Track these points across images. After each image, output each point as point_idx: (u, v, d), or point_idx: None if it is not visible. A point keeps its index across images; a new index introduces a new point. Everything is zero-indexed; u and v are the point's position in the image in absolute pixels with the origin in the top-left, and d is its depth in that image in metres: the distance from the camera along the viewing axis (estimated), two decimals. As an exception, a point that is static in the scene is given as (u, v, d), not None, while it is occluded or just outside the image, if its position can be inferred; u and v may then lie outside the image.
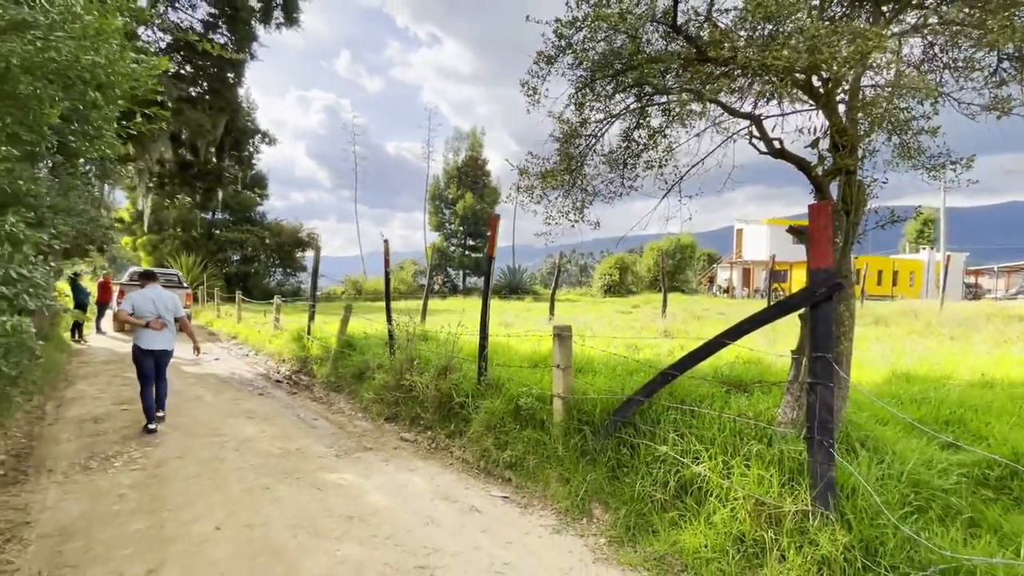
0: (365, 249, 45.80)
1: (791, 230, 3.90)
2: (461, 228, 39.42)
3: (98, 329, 14.01)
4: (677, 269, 36.74)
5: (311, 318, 10.35)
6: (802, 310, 3.25)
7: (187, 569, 2.80)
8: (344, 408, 6.68)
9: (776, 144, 3.59)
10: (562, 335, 4.23)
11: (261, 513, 3.51)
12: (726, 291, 37.59)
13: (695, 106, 4.37)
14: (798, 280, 36.23)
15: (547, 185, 4.10)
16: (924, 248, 40.43)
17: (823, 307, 2.77)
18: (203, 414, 6.17)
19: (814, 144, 3.42)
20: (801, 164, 3.46)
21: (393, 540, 3.16)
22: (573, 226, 4.24)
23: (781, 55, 2.66)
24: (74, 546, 3.03)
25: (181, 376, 8.53)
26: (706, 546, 2.79)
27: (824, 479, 2.63)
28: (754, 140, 3.75)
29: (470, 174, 39.82)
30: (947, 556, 2.26)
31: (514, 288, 33.48)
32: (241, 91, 15.91)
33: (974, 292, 38.21)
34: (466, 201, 38.23)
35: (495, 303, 23.88)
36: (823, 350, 2.72)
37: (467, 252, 39.83)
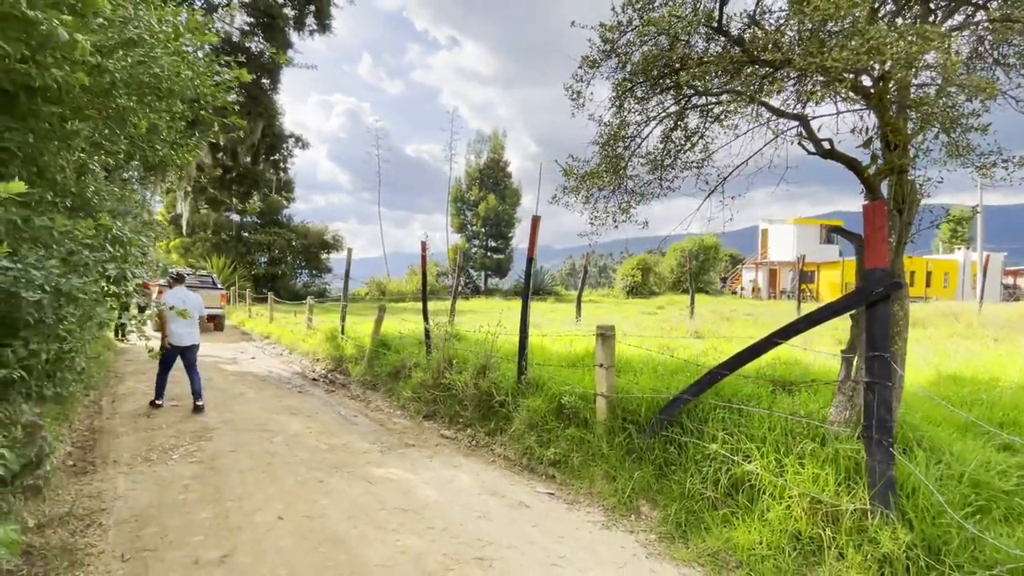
0: (388, 250, 46.43)
1: (835, 230, 3.88)
2: (483, 229, 39.65)
3: (139, 328, 14.53)
4: (701, 270, 36.29)
5: (343, 318, 10.58)
6: (853, 310, 3.25)
7: (258, 556, 2.94)
8: (382, 406, 6.83)
9: (825, 144, 3.58)
10: (605, 335, 4.28)
11: (318, 505, 3.65)
12: (752, 292, 36.99)
13: (741, 108, 4.39)
14: (826, 281, 35.47)
15: (593, 185, 4.16)
16: (959, 248, 39.14)
17: (879, 307, 2.77)
18: (248, 410, 6.39)
19: (867, 144, 3.41)
20: (851, 164, 3.45)
21: (448, 532, 3.26)
22: (616, 226, 4.30)
23: (841, 57, 2.68)
24: (150, 531, 3.20)
25: (222, 374, 8.82)
26: (761, 543, 2.82)
27: (883, 478, 2.63)
28: (803, 141, 3.75)
29: (492, 176, 40.04)
30: (1015, 555, 2.25)
31: (536, 289, 33.53)
32: (277, 97, 16.38)
33: (1014, 293, 36.82)
34: (488, 203, 38.45)
35: (517, 304, 24.01)
36: (880, 349, 2.73)
37: (489, 253, 40.06)
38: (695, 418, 3.68)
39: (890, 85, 3.49)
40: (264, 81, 14.68)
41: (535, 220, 5.05)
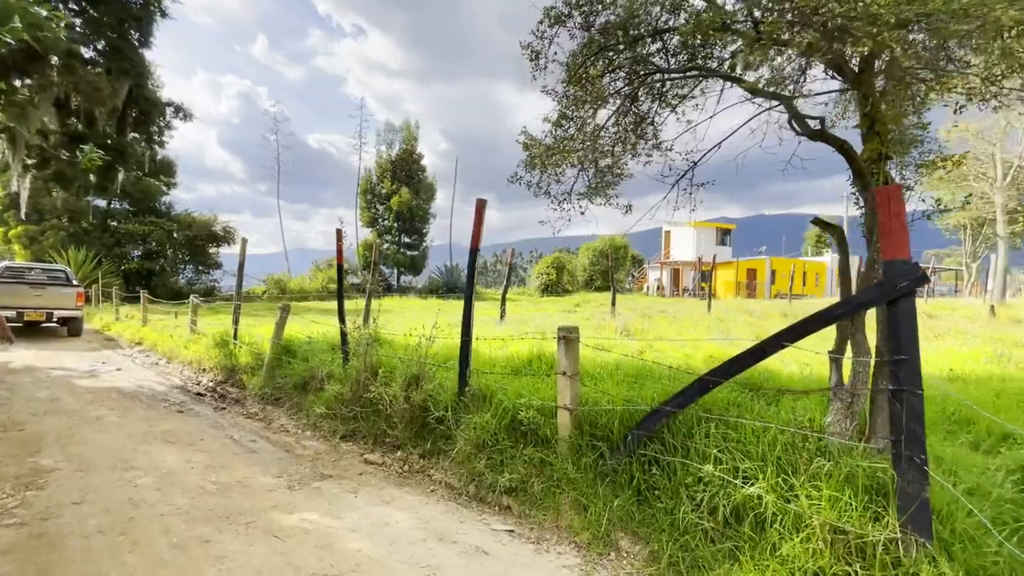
0: (288, 246, 42.83)
1: (816, 221, 3.63)
2: (396, 224, 37.78)
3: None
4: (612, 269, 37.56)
5: (236, 320, 9.07)
6: (858, 309, 2.94)
7: None
8: (287, 426, 5.72)
9: (815, 125, 3.28)
10: (568, 337, 3.69)
11: (202, 580, 2.65)
12: (657, 290, 39.07)
13: (709, 88, 4.01)
14: (721, 280, 38.43)
15: (563, 161, 3.55)
16: (827, 252, 44.40)
17: (904, 303, 2.44)
18: (107, 439, 4.98)
19: (865, 125, 3.12)
20: (843, 148, 3.16)
21: (391, 606, 2.46)
22: (583, 213, 3.72)
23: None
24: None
25: (74, 392, 7.04)
26: (778, 585, 2.37)
27: (917, 501, 2.29)
28: (791, 122, 3.42)
29: (405, 168, 38.28)
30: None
31: (452, 287, 32.57)
32: (149, 54, 13.74)
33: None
34: (401, 196, 36.67)
35: (431, 303, 22.96)
36: (908, 352, 2.38)
37: (402, 250, 38.27)
38: (677, 433, 3.21)
39: (875, 62, 3.26)
40: (132, 32, 12.15)
41: (480, 204, 4.33)
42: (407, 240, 38.75)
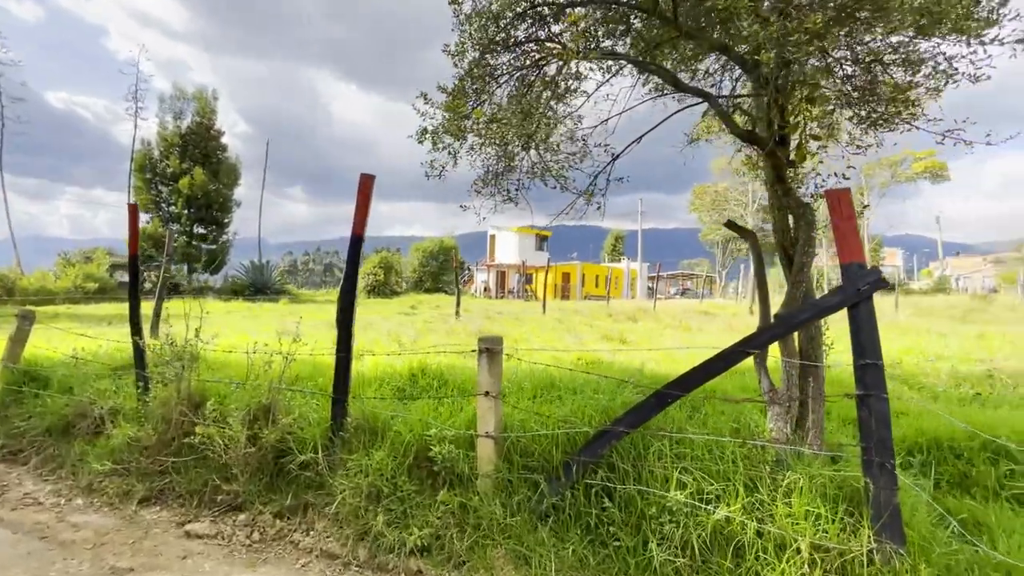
0: (18, 233, 32.31)
1: (729, 225, 3.65)
2: (186, 211, 31.23)
3: None
4: (441, 270, 37.37)
5: (-70, 334, 6.04)
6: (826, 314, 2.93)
7: None
8: (38, 494, 3.81)
9: (745, 125, 3.24)
10: (492, 350, 3.04)
11: None
12: (484, 291, 40.13)
13: (625, 74, 3.77)
14: (541, 282, 41.42)
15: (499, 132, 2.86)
16: (623, 259, 51.36)
17: (864, 306, 2.42)
18: None
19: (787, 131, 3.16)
20: (772, 152, 3.16)
21: None
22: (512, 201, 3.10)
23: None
24: None
25: None
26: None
27: (888, 507, 2.26)
28: (711, 120, 3.34)
29: (199, 145, 31.93)
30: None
31: (261, 288, 28.27)
32: None
33: (670, 293, 50.38)
34: (195, 178, 30.43)
35: (236, 307, 19.54)
36: (872, 357, 2.37)
37: (194, 242, 31.85)
38: (627, 455, 2.82)
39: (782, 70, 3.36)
40: None
41: (366, 181, 3.37)
42: (201, 231, 32.43)
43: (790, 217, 3.32)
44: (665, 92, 3.70)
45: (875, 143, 3.28)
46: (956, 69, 2.84)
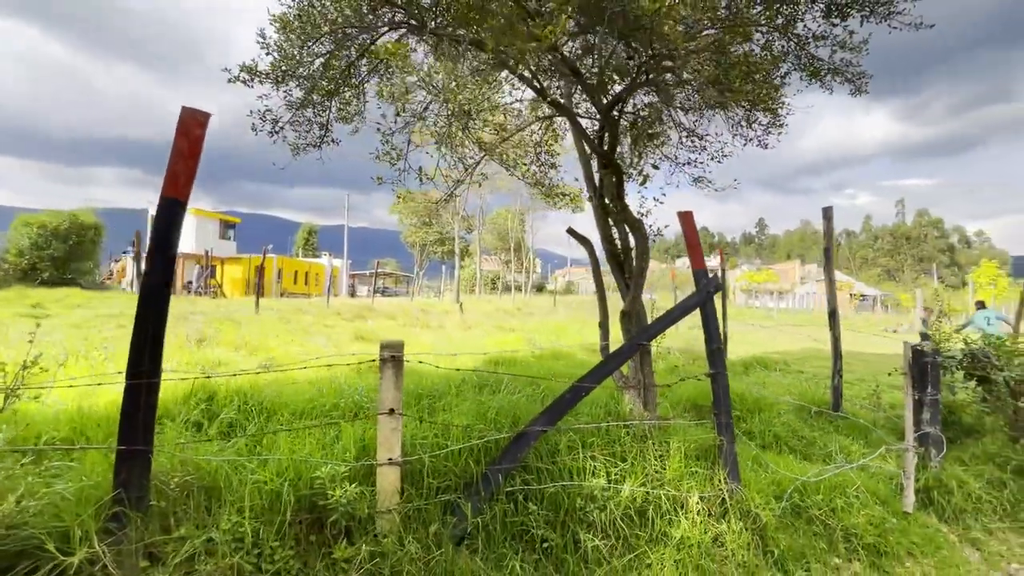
0: None
1: (571, 232, 4.05)
2: None
3: None
4: (71, 255, 27.32)
5: None
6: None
7: None
8: None
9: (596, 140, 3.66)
10: (395, 357, 2.54)
11: None
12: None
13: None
14: (229, 276, 35.25)
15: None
16: (324, 254, 48.76)
17: (709, 304, 3.15)
18: None
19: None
20: (620, 170, 3.67)
21: None
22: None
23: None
24: None
25: None
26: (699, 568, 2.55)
27: (731, 455, 3.00)
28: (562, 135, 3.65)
29: None
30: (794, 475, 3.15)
31: None
32: None
33: (371, 291, 49.75)
34: None
35: None
36: (716, 342, 3.10)
37: None
38: (542, 455, 2.83)
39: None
40: None
41: (190, 120, 2.27)
42: None
43: (615, 229, 3.96)
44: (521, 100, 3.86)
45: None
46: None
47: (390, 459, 2.50)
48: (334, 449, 2.64)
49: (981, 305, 11.41)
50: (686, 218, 3.25)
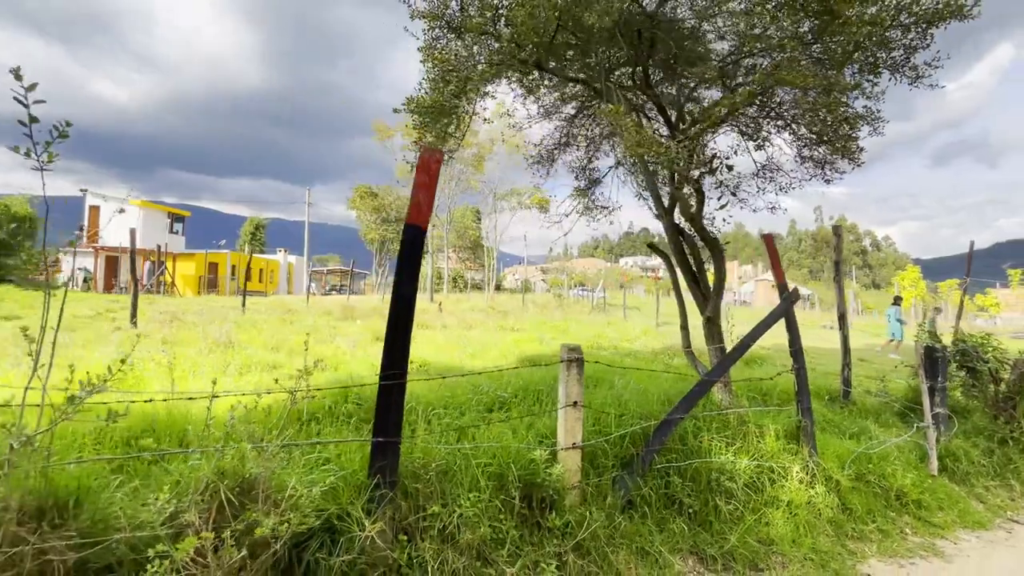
0: None
1: (651, 246, 4.65)
2: None
3: None
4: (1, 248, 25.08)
5: None
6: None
7: None
8: None
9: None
10: (575, 359, 3.03)
11: None
12: (83, 283, 29.29)
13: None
14: (180, 272, 33.33)
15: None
16: (280, 251, 46.96)
17: (791, 312, 3.83)
18: None
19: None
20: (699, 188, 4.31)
21: None
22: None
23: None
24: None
25: None
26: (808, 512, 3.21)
27: (811, 432, 3.71)
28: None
29: None
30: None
31: None
32: None
33: (324, 289, 48.33)
34: None
35: None
36: (798, 344, 3.80)
37: None
38: (675, 437, 3.41)
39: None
40: None
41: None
42: None
43: (686, 246, 4.60)
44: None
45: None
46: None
47: (574, 444, 2.99)
48: (528, 436, 3.10)
49: (897, 301, 13.23)
50: (768, 240, 3.93)
